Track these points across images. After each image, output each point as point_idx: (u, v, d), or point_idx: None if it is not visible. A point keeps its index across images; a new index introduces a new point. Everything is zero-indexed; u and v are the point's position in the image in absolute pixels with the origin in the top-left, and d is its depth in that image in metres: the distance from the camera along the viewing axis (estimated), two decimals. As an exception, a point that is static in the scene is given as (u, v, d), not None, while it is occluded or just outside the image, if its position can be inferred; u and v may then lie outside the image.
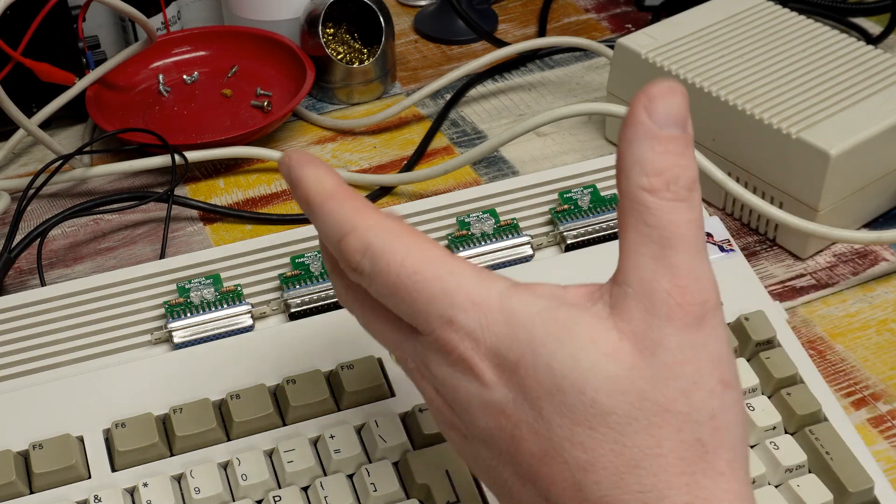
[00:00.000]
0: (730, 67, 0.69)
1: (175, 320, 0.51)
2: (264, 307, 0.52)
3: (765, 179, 0.66)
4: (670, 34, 0.73)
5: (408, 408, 0.49)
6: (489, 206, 0.57)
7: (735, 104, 0.66)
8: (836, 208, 0.64)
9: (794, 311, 0.62)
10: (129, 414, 0.48)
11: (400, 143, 0.78)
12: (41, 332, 0.51)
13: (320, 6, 0.80)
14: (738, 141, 0.67)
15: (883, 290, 0.63)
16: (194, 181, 0.74)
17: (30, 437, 0.47)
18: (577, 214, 0.56)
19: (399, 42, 0.90)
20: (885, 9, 0.85)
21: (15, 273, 0.66)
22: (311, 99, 0.83)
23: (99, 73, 0.75)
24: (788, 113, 0.65)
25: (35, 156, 0.77)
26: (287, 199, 0.72)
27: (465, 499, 0.45)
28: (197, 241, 0.69)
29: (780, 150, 0.64)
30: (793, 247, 0.66)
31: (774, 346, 0.52)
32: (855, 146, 0.62)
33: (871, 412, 0.56)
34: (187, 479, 0.45)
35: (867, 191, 0.66)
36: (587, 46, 0.80)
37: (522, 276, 0.54)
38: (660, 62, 0.70)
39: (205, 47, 0.84)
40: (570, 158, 0.75)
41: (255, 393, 0.48)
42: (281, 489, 0.45)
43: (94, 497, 0.45)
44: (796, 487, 0.46)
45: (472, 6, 0.91)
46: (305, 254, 0.54)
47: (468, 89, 0.83)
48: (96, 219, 0.71)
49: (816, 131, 0.63)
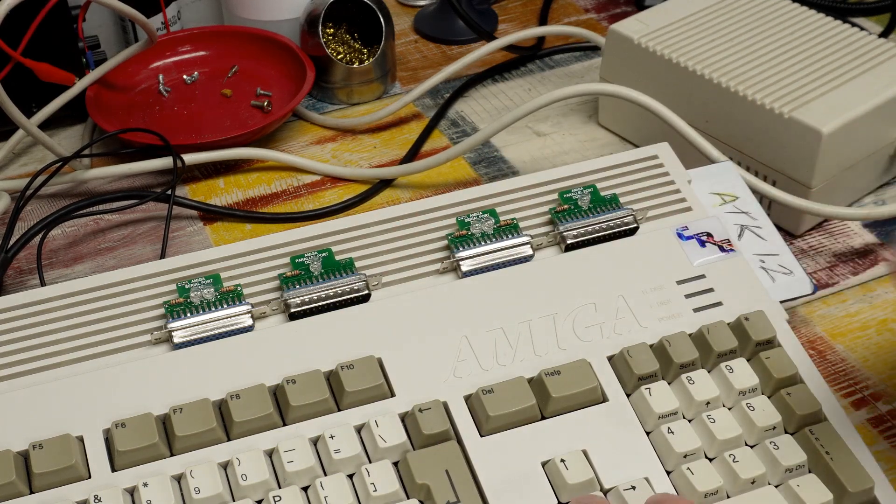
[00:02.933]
0: (721, 51, 0.70)
1: (175, 320, 0.51)
2: (264, 307, 0.52)
3: (758, 159, 0.67)
4: (662, 19, 0.74)
5: (408, 408, 0.49)
6: (489, 206, 0.57)
7: (728, 86, 0.67)
8: (829, 185, 0.66)
9: (794, 311, 0.62)
10: (129, 414, 0.48)
11: (400, 142, 0.78)
12: (41, 332, 0.51)
13: (320, 6, 0.80)
14: (731, 122, 0.68)
15: (883, 290, 0.63)
16: (194, 181, 0.74)
17: (30, 437, 0.47)
18: (577, 214, 0.56)
19: (399, 42, 0.90)
20: (885, 9, 0.85)
21: (15, 273, 0.66)
22: (311, 99, 0.83)
23: (99, 73, 0.75)
24: (780, 93, 0.66)
25: (35, 156, 0.77)
26: (287, 199, 0.73)
27: (465, 499, 0.46)
28: (197, 241, 0.69)
29: (772, 129, 0.65)
30: (786, 224, 0.67)
31: (774, 346, 0.52)
32: (846, 124, 0.64)
33: (871, 412, 0.56)
34: (187, 479, 0.45)
35: (858, 168, 0.68)
36: (578, 35, 0.80)
37: (522, 276, 0.54)
38: (652, 47, 0.71)
39: (205, 47, 0.84)
40: (570, 158, 0.75)
41: (255, 393, 0.48)
42: (281, 489, 0.45)
43: (94, 497, 0.45)
44: (796, 487, 0.46)
45: (472, 6, 0.91)
46: (305, 254, 0.54)
47: (468, 88, 0.83)
48: (96, 219, 0.71)
49: (808, 110, 0.64)
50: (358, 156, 0.77)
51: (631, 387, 0.50)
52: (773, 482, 0.48)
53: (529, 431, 0.48)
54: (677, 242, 0.56)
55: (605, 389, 0.50)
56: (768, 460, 0.48)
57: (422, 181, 0.74)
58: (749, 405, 0.49)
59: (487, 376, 0.50)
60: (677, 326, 0.52)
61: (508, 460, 0.47)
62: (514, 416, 0.48)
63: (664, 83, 0.71)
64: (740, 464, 0.47)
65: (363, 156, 0.77)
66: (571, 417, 0.49)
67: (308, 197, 0.73)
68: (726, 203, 0.59)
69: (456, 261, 0.54)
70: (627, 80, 0.73)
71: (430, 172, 0.74)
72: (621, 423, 0.49)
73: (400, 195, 0.73)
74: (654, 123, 0.68)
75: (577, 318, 0.52)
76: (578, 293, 0.53)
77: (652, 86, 0.71)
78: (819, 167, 0.64)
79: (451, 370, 0.50)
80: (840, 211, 0.64)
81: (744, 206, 0.59)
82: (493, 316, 0.52)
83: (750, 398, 0.50)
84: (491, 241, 0.55)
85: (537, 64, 0.87)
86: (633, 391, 0.50)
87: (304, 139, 0.79)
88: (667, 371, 0.51)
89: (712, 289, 0.54)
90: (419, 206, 0.56)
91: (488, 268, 0.54)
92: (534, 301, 0.53)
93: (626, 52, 0.73)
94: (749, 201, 0.60)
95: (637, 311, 0.53)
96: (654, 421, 0.49)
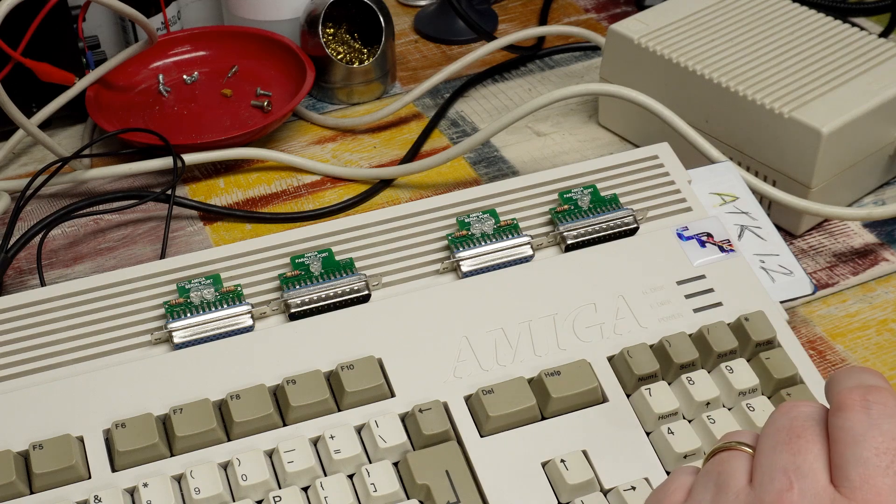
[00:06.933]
0: (721, 51, 0.70)
1: (175, 320, 0.51)
2: (264, 307, 0.52)
3: (758, 158, 0.67)
4: (662, 19, 0.74)
5: (408, 408, 0.49)
6: (489, 206, 0.57)
7: (728, 86, 0.67)
8: (828, 185, 0.66)
9: (794, 311, 0.62)
10: (129, 414, 0.48)
11: (400, 142, 0.78)
12: (41, 332, 0.51)
13: (320, 6, 0.80)
14: (731, 121, 0.68)
15: (883, 290, 0.63)
16: (194, 181, 0.74)
17: (30, 437, 0.47)
18: (577, 214, 0.56)
19: (399, 42, 0.90)
20: (885, 9, 0.85)
21: (15, 273, 0.66)
22: (311, 99, 0.83)
23: (99, 73, 0.75)
24: (780, 93, 0.66)
25: (35, 156, 0.77)
26: (287, 199, 0.73)
27: (466, 499, 0.46)
28: (197, 241, 0.69)
29: (772, 129, 0.65)
30: (786, 224, 0.67)
31: (774, 346, 0.52)
32: (846, 124, 0.64)
33: (871, 412, 0.56)
34: (187, 480, 0.45)
35: (858, 168, 0.68)
36: (578, 35, 0.80)
37: (522, 276, 0.54)
38: (652, 47, 0.71)
39: (205, 47, 0.84)
40: (570, 158, 0.75)
41: (255, 393, 0.48)
42: (281, 489, 0.45)
43: (94, 497, 0.45)
44: (796, 488, 0.46)
45: (472, 6, 0.91)
46: (305, 254, 0.54)
47: (468, 88, 0.83)
48: (96, 219, 0.71)
49: (808, 110, 0.64)
50: (358, 156, 0.77)
51: (631, 387, 0.50)
52: (773, 482, 0.47)
53: (529, 432, 0.48)
54: (677, 242, 0.56)
55: (605, 390, 0.50)
56: (768, 460, 0.48)
57: (422, 181, 0.74)
58: (749, 406, 0.49)
59: (487, 376, 0.50)
60: (677, 327, 0.52)
61: (508, 461, 0.47)
62: (514, 416, 0.48)
63: (664, 83, 0.71)
64: (740, 464, 0.47)
65: (363, 156, 0.77)
66: (571, 418, 0.49)
67: (308, 197, 0.73)
68: (726, 203, 0.59)
69: (456, 261, 0.54)
70: (627, 80, 0.73)
71: (430, 172, 0.74)
72: (621, 423, 0.49)
73: (400, 195, 0.73)
74: (654, 123, 0.68)
75: (577, 319, 0.52)
76: (578, 293, 0.53)
77: (652, 86, 0.71)
78: (819, 167, 0.64)
79: (452, 370, 0.50)
80: (840, 211, 0.64)
81: (744, 206, 0.59)
82: (493, 316, 0.52)
83: (750, 399, 0.50)
84: (491, 241, 0.55)
85: (537, 64, 0.87)
86: (633, 391, 0.50)
87: (304, 139, 0.79)
88: (667, 371, 0.51)
89: (712, 289, 0.54)
90: (419, 206, 0.56)
91: (488, 268, 0.54)
92: (534, 301, 0.53)
93: (626, 52, 0.73)
94: (749, 201, 0.60)
95: (637, 312, 0.53)
96: (654, 421, 0.49)
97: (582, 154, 0.76)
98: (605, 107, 0.78)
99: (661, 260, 0.55)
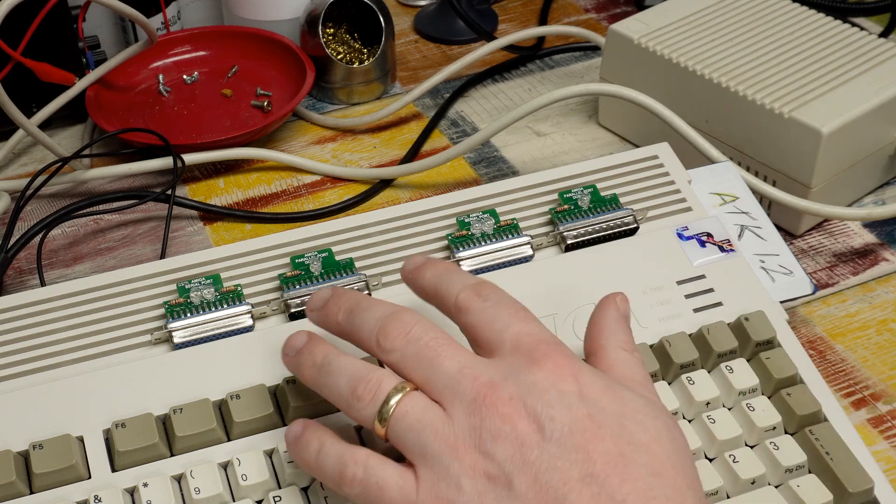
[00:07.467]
0: (721, 51, 0.70)
1: (175, 320, 0.51)
2: (264, 307, 0.52)
3: (758, 158, 0.67)
4: (662, 19, 0.74)
5: (408, 408, 0.49)
6: (489, 206, 0.57)
7: (728, 86, 0.67)
8: (829, 185, 0.66)
9: (794, 311, 0.62)
10: (129, 414, 0.48)
11: (400, 142, 0.78)
12: (41, 332, 0.51)
13: (320, 6, 0.80)
14: (731, 122, 0.68)
15: (883, 290, 0.63)
16: (194, 181, 0.74)
17: (30, 437, 0.47)
18: (576, 214, 0.56)
19: (399, 42, 0.90)
20: (885, 9, 0.85)
21: (15, 273, 0.66)
22: (311, 99, 0.83)
23: (99, 73, 0.75)
24: (780, 93, 0.66)
25: (35, 156, 0.77)
26: (287, 199, 0.73)
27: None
28: (197, 241, 0.69)
29: (772, 129, 0.65)
30: (786, 224, 0.67)
31: (774, 346, 0.52)
32: (846, 124, 0.64)
33: (870, 412, 0.56)
34: (187, 480, 0.45)
35: (857, 168, 0.68)
36: (578, 35, 0.80)
37: (522, 276, 0.54)
38: (652, 47, 0.71)
39: (205, 47, 0.84)
40: (570, 158, 0.75)
41: (255, 393, 0.48)
42: (281, 489, 0.45)
43: (94, 497, 0.45)
44: (796, 488, 0.46)
45: (472, 6, 0.91)
46: (305, 254, 0.54)
47: (468, 88, 0.83)
48: (96, 219, 0.71)
49: (808, 110, 0.64)
50: (358, 156, 0.77)
51: (631, 387, 0.50)
52: (773, 482, 0.47)
53: (529, 431, 0.48)
54: (677, 242, 0.56)
55: (605, 389, 0.50)
56: (768, 460, 0.48)
57: (422, 181, 0.74)
58: (749, 405, 0.49)
59: (487, 376, 0.50)
60: (677, 326, 0.52)
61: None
62: (514, 416, 0.48)
63: (664, 83, 0.71)
64: (740, 464, 0.47)
65: (363, 156, 0.77)
66: (571, 417, 0.49)
67: (308, 197, 0.73)
68: (726, 203, 0.59)
69: (457, 261, 0.54)
70: (627, 80, 0.73)
71: (430, 172, 0.74)
72: (621, 423, 0.49)
73: (400, 195, 0.73)
74: (654, 123, 0.68)
75: (577, 318, 0.52)
76: (578, 293, 0.53)
77: (652, 86, 0.71)
78: (819, 167, 0.64)
79: (451, 370, 0.50)
80: (840, 211, 0.64)
81: (744, 206, 0.59)
82: (493, 316, 0.52)
83: (750, 398, 0.50)
84: (491, 241, 0.55)
85: (537, 64, 0.87)
86: (633, 391, 0.50)
87: (304, 139, 0.79)
88: (667, 371, 0.51)
89: (712, 289, 0.54)
90: (419, 206, 0.56)
91: (488, 268, 0.54)
92: (534, 301, 0.53)
93: (626, 52, 0.73)
94: (749, 201, 0.60)
95: (637, 312, 0.53)
96: (654, 421, 0.49)
97: (582, 154, 0.76)
98: (605, 107, 0.78)
99: (661, 260, 0.55)
